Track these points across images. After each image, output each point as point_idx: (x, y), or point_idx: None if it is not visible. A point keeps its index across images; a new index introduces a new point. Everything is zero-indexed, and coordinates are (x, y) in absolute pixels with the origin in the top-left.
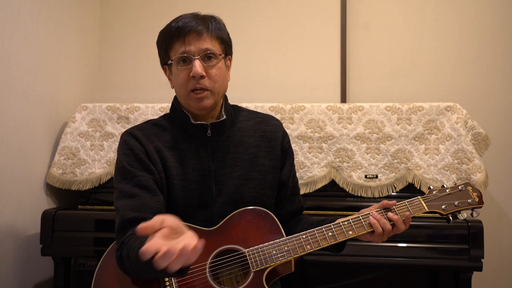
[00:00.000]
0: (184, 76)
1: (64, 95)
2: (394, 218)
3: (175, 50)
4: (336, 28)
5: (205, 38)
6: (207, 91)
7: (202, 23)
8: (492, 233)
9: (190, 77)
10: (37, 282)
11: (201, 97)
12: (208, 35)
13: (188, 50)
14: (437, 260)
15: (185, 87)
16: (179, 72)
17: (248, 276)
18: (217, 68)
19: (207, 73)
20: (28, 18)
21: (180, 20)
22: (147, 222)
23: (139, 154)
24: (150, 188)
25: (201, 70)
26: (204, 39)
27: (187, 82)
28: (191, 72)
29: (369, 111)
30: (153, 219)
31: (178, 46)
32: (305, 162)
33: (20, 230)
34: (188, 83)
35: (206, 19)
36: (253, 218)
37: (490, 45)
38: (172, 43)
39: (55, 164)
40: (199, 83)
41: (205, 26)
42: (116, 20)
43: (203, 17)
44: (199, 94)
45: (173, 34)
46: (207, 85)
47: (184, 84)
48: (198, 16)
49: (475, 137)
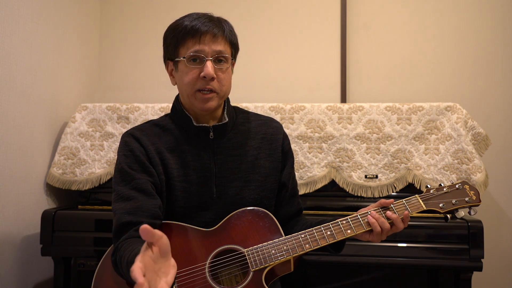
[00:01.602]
0: (194, 75)
1: (64, 95)
2: (392, 217)
3: (187, 47)
4: (336, 28)
5: (220, 41)
6: (214, 93)
7: (218, 25)
8: (492, 233)
9: (200, 77)
10: (37, 282)
11: (208, 98)
12: (223, 39)
13: (203, 49)
14: (437, 260)
15: (192, 85)
16: (188, 70)
17: (248, 275)
18: (227, 72)
19: (217, 76)
20: (28, 18)
21: (194, 19)
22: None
23: (140, 156)
24: (147, 192)
25: (213, 72)
26: (219, 42)
27: (195, 81)
28: (202, 73)
29: (369, 111)
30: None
31: (192, 44)
32: (305, 162)
33: (20, 230)
34: (196, 82)
35: (221, 22)
36: (252, 218)
37: (490, 45)
38: (185, 40)
39: (55, 164)
40: (209, 84)
41: (221, 28)
42: (116, 20)
43: (217, 20)
44: (206, 95)
45: (187, 32)
46: (216, 87)
47: (192, 83)
48: (212, 18)
49: (475, 137)
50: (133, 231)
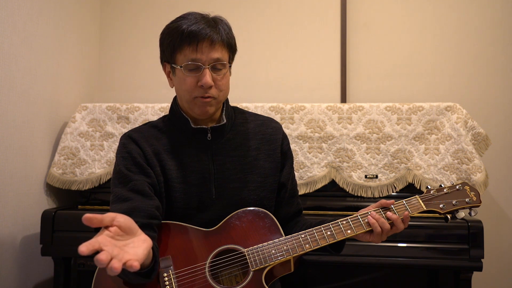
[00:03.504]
0: (191, 83)
1: (64, 95)
2: (393, 217)
3: (184, 55)
4: (336, 28)
5: (217, 47)
6: (212, 98)
7: (215, 29)
8: (492, 233)
9: (198, 86)
10: (37, 282)
11: (206, 102)
12: (220, 44)
13: (200, 58)
14: (437, 260)
15: (190, 93)
16: (186, 78)
17: (248, 275)
18: (225, 78)
19: (215, 83)
20: (28, 18)
21: (192, 24)
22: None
23: (137, 157)
24: (144, 192)
25: (211, 81)
26: (216, 48)
27: (193, 89)
28: (200, 82)
29: (369, 111)
30: (105, 214)
31: (189, 52)
32: (305, 162)
33: (20, 230)
34: (194, 90)
35: (218, 24)
36: (252, 218)
37: (490, 45)
38: (181, 47)
39: (55, 164)
40: (207, 92)
41: (218, 33)
42: (116, 20)
43: (214, 22)
44: (205, 99)
45: (184, 38)
46: (214, 94)
47: (190, 90)
48: (209, 20)
49: (475, 137)
50: None
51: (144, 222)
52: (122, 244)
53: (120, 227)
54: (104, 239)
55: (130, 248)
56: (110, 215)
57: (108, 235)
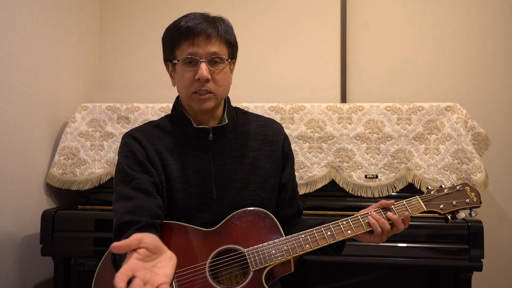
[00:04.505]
0: (189, 77)
1: (64, 95)
2: (393, 217)
3: (182, 50)
4: (336, 28)
5: (214, 42)
6: (210, 93)
7: (212, 25)
8: (492, 233)
9: (195, 79)
10: (37, 282)
11: (204, 99)
12: (217, 39)
13: (196, 52)
14: (437, 260)
15: (188, 88)
16: (184, 73)
17: (248, 275)
18: (223, 73)
19: (212, 77)
20: (28, 18)
21: (190, 20)
22: (123, 240)
23: (140, 156)
24: (148, 191)
25: (207, 74)
26: (213, 42)
27: (191, 83)
28: (197, 75)
29: (369, 111)
30: (131, 237)
31: (186, 46)
32: (305, 162)
33: (20, 230)
34: (192, 85)
35: (216, 21)
36: (253, 218)
37: (490, 45)
38: (179, 42)
39: (55, 164)
40: (204, 86)
41: (215, 29)
42: (116, 20)
43: (213, 19)
44: (202, 95)
45: (181, 34)
46: (212, 88)
47: (188, 85)
48: (208, 17)
49: (475, 137)
50: (133, 230)
51: (149, 222)
52: (151, 265)
53: (148, 248)
54: (135, 265)
55: (159, 269)
56: (136, 238)
57: (137, 258)
